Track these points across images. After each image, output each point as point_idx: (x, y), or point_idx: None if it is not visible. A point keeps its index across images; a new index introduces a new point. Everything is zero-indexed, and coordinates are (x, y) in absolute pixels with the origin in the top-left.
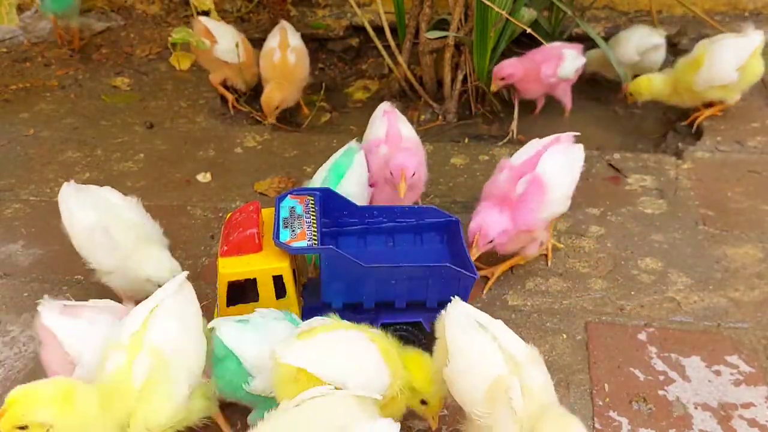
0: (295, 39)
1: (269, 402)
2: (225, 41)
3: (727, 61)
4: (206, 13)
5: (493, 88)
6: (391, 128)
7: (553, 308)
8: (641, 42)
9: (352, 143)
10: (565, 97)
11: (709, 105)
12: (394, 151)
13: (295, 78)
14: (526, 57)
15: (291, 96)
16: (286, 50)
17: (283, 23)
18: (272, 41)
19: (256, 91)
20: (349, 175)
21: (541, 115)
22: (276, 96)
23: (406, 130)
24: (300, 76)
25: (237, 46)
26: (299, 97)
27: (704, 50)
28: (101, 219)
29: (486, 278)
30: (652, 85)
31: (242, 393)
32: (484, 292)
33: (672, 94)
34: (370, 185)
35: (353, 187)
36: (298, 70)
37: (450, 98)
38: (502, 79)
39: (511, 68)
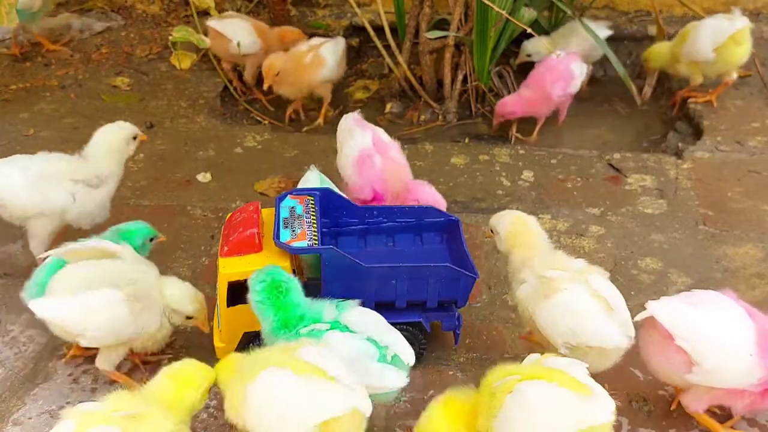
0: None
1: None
2: (243, 37)
3: (705, 39)
4: (206, 13)
5: (495, 124)
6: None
7: None
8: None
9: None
10: (565, 110)
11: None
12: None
13: (308, 77)
14: (534, 78)
15: (295, 89)
16: (313, 51)
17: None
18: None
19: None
20: None
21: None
22: (278, 63)
23: (386, 136)
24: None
25: (238, 45)
26: (300, 97)
27: (691, 27)
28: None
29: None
30: (658, 51)
31: None
32: None
33: (673, 62)
34: (367, 200)
35: None
36: (313, 72)
37: (450, 98)
38: (503, 116)
39: (511, 106)
